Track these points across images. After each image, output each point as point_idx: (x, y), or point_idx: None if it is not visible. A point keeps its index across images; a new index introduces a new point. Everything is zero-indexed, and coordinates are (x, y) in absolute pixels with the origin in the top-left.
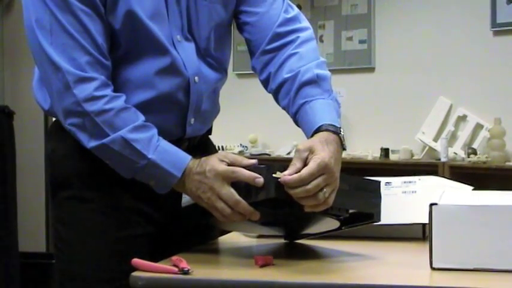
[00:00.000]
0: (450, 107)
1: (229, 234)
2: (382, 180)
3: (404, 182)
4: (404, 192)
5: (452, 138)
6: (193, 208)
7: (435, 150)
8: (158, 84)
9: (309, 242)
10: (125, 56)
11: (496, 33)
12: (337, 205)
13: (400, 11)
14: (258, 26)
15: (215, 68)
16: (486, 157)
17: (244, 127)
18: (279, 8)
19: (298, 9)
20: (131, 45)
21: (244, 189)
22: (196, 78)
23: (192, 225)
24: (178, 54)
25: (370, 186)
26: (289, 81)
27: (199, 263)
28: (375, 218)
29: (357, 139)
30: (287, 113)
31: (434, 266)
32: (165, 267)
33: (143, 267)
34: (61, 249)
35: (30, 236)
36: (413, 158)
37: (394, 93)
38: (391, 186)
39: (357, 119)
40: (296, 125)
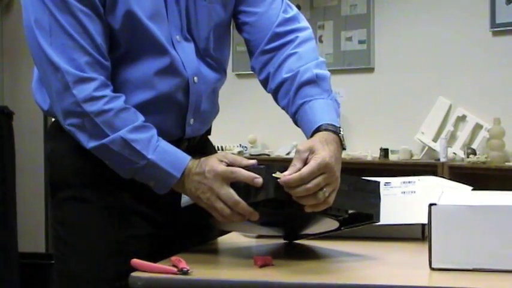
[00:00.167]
0: (449, 107)
1: (228, 235)
2: (382, 180)
3: (404, 182)
4: (404, 192)
5: (452, 138)
6: (192, 208)
7: (434, 151)
8: (157, 84)
9: (308, 242)
10: (124, 56)
11: (495, 33)
12: (337, 206)
13: (399, 12)
14: (257, 26)
15: (214, 68)
16: (485, 157)
17: (244, 127)
18: (278, 8)
19: (298, 9)
20: (130, 46)
21: (243, 189)
22: (195, 79)
23: (191, 225)
24: (178, 55)
25: (370, 187)
26: (289, 81)
27: (198, 263)
28: (374, 218)
29: (356, 139)
30: (286, 112)
31: (434, 266)
32: (164, 268)
33: (142, 268)
34: (60, 249)
35: (30, 236)
36: (413, 158)
37: (393, 93)
38: (391, 187)
39: (356, 119)
40: (295, 124)
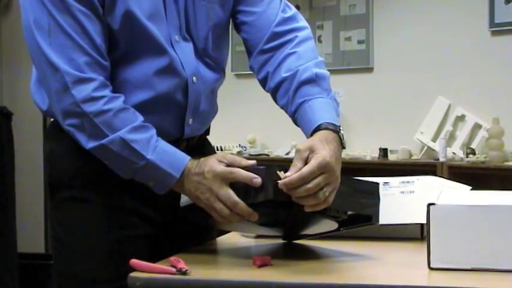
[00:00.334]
0: (448, 107)
1: (227, 235)
2: (380, 180)
3: (403, 182)
4: (403, 192)
5: (451, 138)
6: (191, 208)
7: (434, 150)
8: (156, 84)
9: (307, 242)
10: (123, 57)
11: (494, 33)
12: (336, 207)
13: (398, 11)
14: (255, 26)
15: (213, 68)
16: (485, 157)
17: (243, 127)
18: (277, 8)
19: (297, 9)
20: (129, 46)
21: (242, 190)
22: (194, 79)
23: (190, 225)
24: (177, 55)
25: (369, 188)
26: (288, 80)
27: (197, 264)
28: (373, 220)
29: (355, 139)
30: (285, 112)
31: (432, 266)
32: (162, 268)
33: (141, 268)
34: (59, 249)
35: (29, 237)
36: (412, 158)
37: (392, 93)
38: (389, 186)
39: (355, 119)
40: (295, 124)
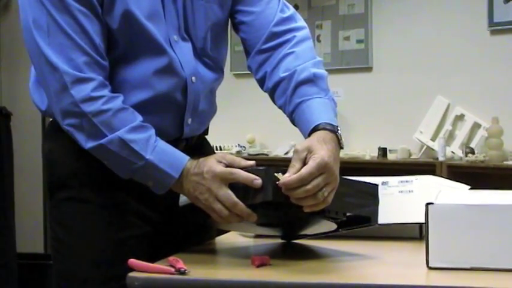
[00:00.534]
0: (448, 106)
1: (226, 234)
2: (379, 179)
3: (401, 182)
4: (401, 191)
5: (450, 137)
6: (190, 208)
7: (433, 150)
8: (155, 84)
9: (305, 242)
10: (122, 56)
11: (493, 32)
12: (335, 208)
13: (397, 11)
14: (253, 26)
15: (212, 68)
16: (484, 156)
17: (242, 127)
18: (275, 8)
19: (296, 9)
20: (128, 46)
21: (242, 191)
22: (193, 78)
23: (189, 225)
24: (175, 54)
25: (368, 190)
26: (286, 80)
27: (196, 263)
28: (372, 221)
29: (354, 139)
30: (283, 112)
31: (431, 265)
32: (161, 268)
33: (140, 268)
34: (58, 250)
35: (28, 237)
36: (411, 157)
37: (391, 92)
38: (388, 186)
39: (354, 118)
40: (292, 123)
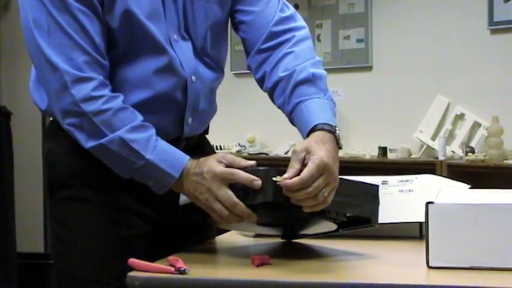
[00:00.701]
0: (448, 105)
1: (226, 234)
2: (379, 179)
3: (401, 181)
4: (401, 191)
5: (450, 136)
6: (191, 207)
7: (433, 149)
8: (156, 83)
9: (305, 241)
10: (122, 56)
11: (493, 31)
12: (335, 209)
13: (397, 10)
14: (253, 25)
15: (212, 68)
16: (484, 155)
17: (242, 126)
18: (275, 7)
19: (296, 8)
20: (128, 45)
21: (242, 191)
22: (193, 78)
23: (189, 224)
24: (176, 54)
25: (369, 190)
26: (285, 80)
27: (196, 263)
28: (372, 222)
29: (354, 138)
30: (282, 111)
31: (431, 264)
32: (161, 267)
33: (140, 267)
34: (59, 249)
35: (28, 237)
36: (411, 156)
37: (391, 92)
38: (388, 185)
39: (354, 118)
40: (291, 123)
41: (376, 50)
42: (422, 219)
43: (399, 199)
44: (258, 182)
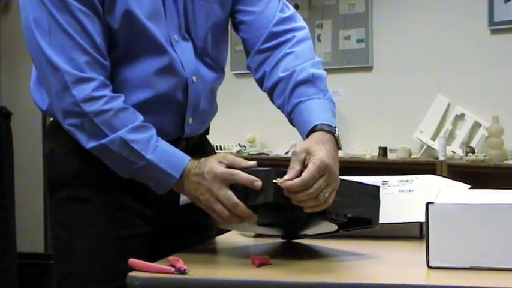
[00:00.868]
0: (448, 105)
1: (226, 234)
2: (379, 179)
3: (401, 181)
4: (401, 191)
5: (450, 137)
6: (191, 207)
7: (433, 149)
8: (156, 84)
9: (306, 241)
10: (123, 56)
11: (493, 31)
12: (336, 210)
13: (397, 10)
14: (253, 25)
15: (212, 68)
16: (484, 155)
17: (242, 127)
18: (275, 8)
19: (296, 8)
20: (129, 45)
21: (242, 191)
22: (194, 78)
23: (190, 224)
24: (176, 54)
25: (369, 191)
26: (285, 80)
27: (196, 263)
28: (372, 223)
29: (354, 138)
30: (282, 111)
31: (431, 264)
32: (161, 267)
33: (140, 267)
34: (59, 249)
35: (29, 237)
36: (412, 156)
37: (392, 92)
38: (388, 185)
39: (354, 118)
40: (291, 124)
41: (376, 50)
42: (423, 219)
43: (399, 199)
44: (258, 182)
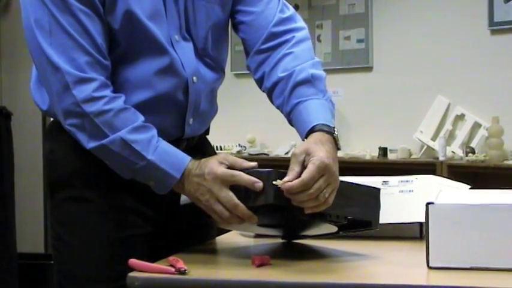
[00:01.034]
0: (448, 106)
1: (226, 234)
2: (379, 179)
3: (401, 181)
4: (402, 191)
5: (450, 137)
6: (191, 207)
7: (433, 149)
8: (157, 84)
9: (306, 241)
10: (123, 56)
11: (493, 32)
12: (336, 212)
13: (397, 10)
14: (253, 26)
15: (213, 68)
16: (484, 156)
17: (243, 127)
18: (275, 8)
19: (296, 8)
20: (130, 45)
21: (243, 192)
22: (194, 78)
23: (190, 224)
24: (177, 54)
25: (370, 194)
26: (284, 80)
27: (196, 263)
28: (372, 225)
29: (355, 138)
30: (281, 112)
31: (431, 265)
32: (161, 268)
33: (140, 268)
34: (59, 249)
35: (29, 237)
36: (412, 157)
37: (392, 92)
38: (388, 186)
39: (354, 118)
40: (290, 124)
41: (376, 50)
42: (423, 220)
43: (399, 199)
44: (259, 184)
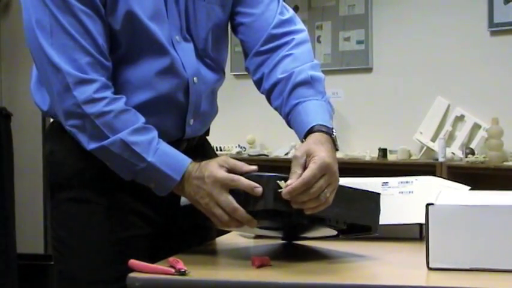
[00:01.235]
0: (448, 107)
1: (226, 235)
2: (379, 180)
3: (401, 182)
4: (401, 192)
5: (450, 138)
6: (191, 208)
7: (433, 151)
8: (158, 85)
9: (306, 242)
10: (124, 57)
11: (493, 33)
12: (336, 217)
13: (397, 11)
14: (253, 27)
15: (213, 69)
16: (484, 157)
17: (242, 128)
18: (274, 10)
19: (296, 9)
20: (131, 46)
21: (243, 196)
22: (195, 79)
23: (190, 225)
24: (178, 55)
25: (370, 198)
26: (283, 81)
27: (196, 264)
28: (372, 230)
29: (354, 139)
30: (279, 113)
31: (431, 266)
32: (161, 268)
33: (140, 268)
34: (60, 250)
35: (28, 238)
36: (411, 158)
37: (391, 93)
38: (388, 187)
39: (354, 119)
40: (288, 125)
41: (376, 51)
42: (423, 221)
43: (399, 200)
44: (259, 189)
